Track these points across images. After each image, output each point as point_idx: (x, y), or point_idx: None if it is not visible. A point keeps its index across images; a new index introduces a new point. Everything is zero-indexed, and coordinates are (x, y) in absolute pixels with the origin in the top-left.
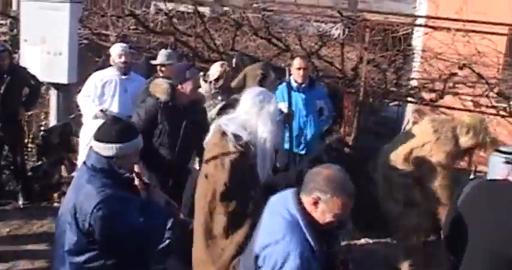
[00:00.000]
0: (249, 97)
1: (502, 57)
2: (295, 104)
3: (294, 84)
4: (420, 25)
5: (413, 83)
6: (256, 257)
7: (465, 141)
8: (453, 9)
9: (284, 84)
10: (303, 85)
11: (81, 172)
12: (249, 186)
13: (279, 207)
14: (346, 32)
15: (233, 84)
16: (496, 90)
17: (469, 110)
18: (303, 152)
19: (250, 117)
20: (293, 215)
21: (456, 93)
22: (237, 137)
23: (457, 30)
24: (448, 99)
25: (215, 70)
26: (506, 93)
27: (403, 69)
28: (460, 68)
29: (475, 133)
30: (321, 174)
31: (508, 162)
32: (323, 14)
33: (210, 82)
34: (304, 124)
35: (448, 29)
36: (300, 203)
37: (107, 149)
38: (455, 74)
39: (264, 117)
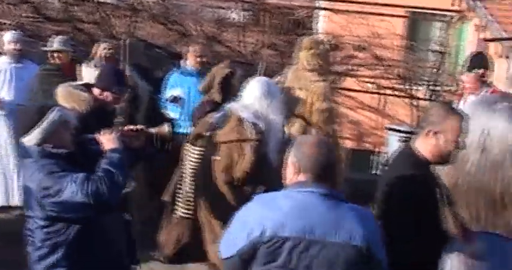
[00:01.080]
0: (258, 87)
1: (400, 39)
2: (188, 89)
3: (189, 69)
4: (318, 8)
5: None
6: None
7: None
8: None
9: (178, 69)
10: (199, 71)
11: (26, 165)
12: (264, 172)
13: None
14: (245, 16)
15: (201, 87)
16: (395, 72)
17: (368, 92)
18: None
19: (262, 107)
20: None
21: (356, 76)
22: (254, 125)
23: (353, 12)
24: (348, 82)
25: (96, 49)
26: (405, 75)
27: None
28: (358, 51)
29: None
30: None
31: (403, 141)
32: None
33: (94, 66)
34: None
35: (346, 12)
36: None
37: (32, 139)
38: (354, 57)
39: (274, 107)
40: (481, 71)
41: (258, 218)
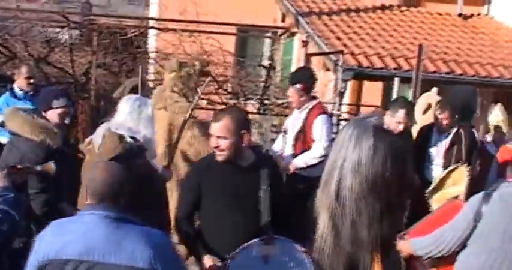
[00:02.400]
0: (128, 103)
1: (231, 56)
2: None
3: (19, 93)
4: (146, 27)
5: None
6: None
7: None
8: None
9: (7, 92)
10: (30, 93)
11: None
12: None
13: None
14: (74, 37)
15: (114, 94)
16: (225, 87)
17: (202, 108)
18: None
19: (133, 121)
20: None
21: None
22: (134, 139)
23: (184, 30)
24: None
25: None
26: (236, 90)
27: (133, 71)
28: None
29: (187, 79)
30: None
31: None
32: (49, 19)
33: None
34: None
35: (174, 30)
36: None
37: None
38: None
39: (145, 120)
40: (301, 85)
41: (46, 243)
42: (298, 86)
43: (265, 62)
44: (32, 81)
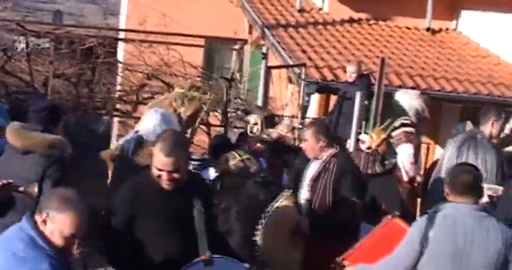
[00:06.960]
0: (155, 115)
1: (196, 68)
2: None
3: None
4: (107, 37)
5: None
6: None
7: (184, 111)
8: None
9: None
10: None
11: None
12: None
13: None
14: (34, 46)
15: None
16: None
17: None
18: None
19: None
20: (30, 236)
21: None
22: None
23: (146, 41)
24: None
25: None
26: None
27: (93, 82)
28: (149, 79)
29: (189, 100)
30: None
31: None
32: (8, 27)
33: None
34: None
35: (133, 41)
36: (34, 222)
37: None
38: (145, 85)
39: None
40: None
41: None
42: None
43: (230, 74)
44: None
